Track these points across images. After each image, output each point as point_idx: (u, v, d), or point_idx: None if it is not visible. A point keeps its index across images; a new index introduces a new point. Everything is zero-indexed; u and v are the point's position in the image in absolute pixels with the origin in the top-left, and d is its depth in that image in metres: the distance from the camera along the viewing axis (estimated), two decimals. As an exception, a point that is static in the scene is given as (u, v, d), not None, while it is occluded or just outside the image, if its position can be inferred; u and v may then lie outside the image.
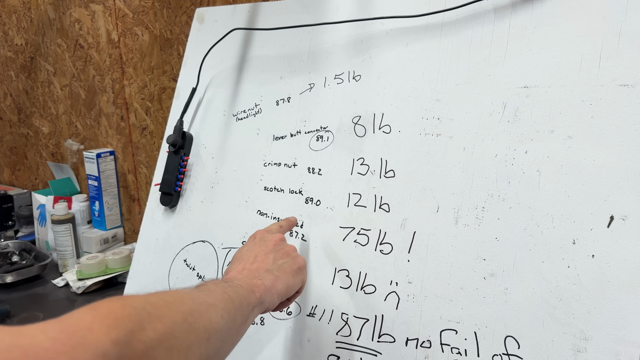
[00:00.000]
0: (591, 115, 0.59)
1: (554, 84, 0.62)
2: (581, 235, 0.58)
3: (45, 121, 1.44)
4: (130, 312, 0.37)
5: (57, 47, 1.32)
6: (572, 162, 0.60)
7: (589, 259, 0.57)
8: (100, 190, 1.26)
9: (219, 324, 0.46)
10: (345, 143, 0.76)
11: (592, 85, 0.60)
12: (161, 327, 0.39)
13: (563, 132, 0.61)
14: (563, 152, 0.60)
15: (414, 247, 0.68)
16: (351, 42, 0.79)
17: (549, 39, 0.63)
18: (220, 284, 0.53)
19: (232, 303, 0.50)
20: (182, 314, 0.42)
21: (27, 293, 1.14)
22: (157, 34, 1.10)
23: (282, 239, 0.67)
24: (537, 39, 0.64)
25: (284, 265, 0.62)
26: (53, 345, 0.32)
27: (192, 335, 0.42)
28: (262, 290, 0.56)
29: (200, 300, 0.47)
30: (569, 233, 0.58)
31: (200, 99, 0.92)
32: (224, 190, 0.86)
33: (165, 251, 0.89)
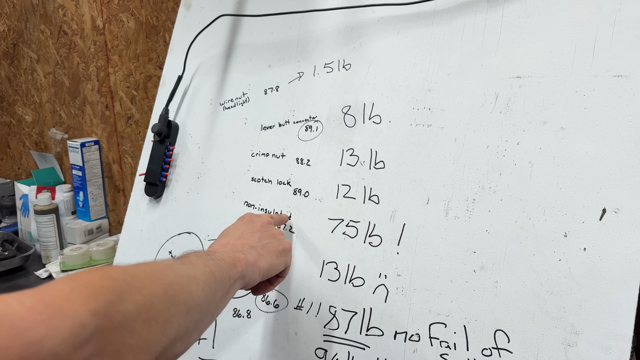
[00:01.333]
0: (584, 106, 0.59)
1: (547, 74, 0.61)
2: (573, 228, 0.57)
3: (28, 109, 1.41)
4: (110, 282, 0.37)
5: (40, 34, 1.29)
6: (565, 153, 0.59)
7: (581, 252, 0.56)
8: (84, 180, 1.23)
9: (199, 297, 0.46)
10: (335, 133, 0.75)
11: (585, 76, 0.59)
12: (140, 299, 0.38)
13: (556, 123, 0.60)
14: (555, 143, 0.59)
15: (403, 239, 0.67)
16: (341, 30, 0.78)
17: (543, 28, 0.62)
18: (202, 257, 0.52)
19: (214, 276, 0.49)
20: (163, 286, 0.41)
21: (9, 285, 1.12)
22: (142, 20, 1.07)
23: (270, 222, 0.68)
24: (531, 28, 0.63)
25: (269, 245, 0.62)
26: (29, 314, 0.31)
27: (172, 307, 0.42)
28: (244, 264, 0.55)
29: (181, 272, 0.46)
30: (561, 226, 0.57)
31: (187, 87, 0.90)
32: (210, 181, 0.84)
33: (150, 242, 0.87)
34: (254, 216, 0.68)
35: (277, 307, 0.74)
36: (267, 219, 0.68)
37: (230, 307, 0.77)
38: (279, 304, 0.74)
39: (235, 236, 0.63)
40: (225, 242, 0.61)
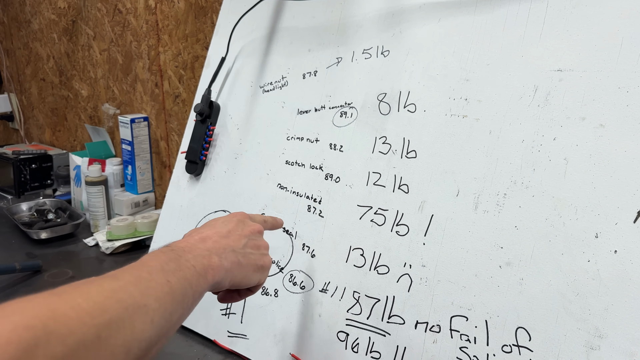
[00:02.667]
0: (627, 103, 0.56)
1: (590, 68, 0.59)
2: (605, 229, 0.55)
3: (84, 84, 1.48)
4: (21, 336, 0.31)
5: (97, 12, 1.34)
6: (602, 152, 0.57)
7: (611, 254, 0.54)
8: (133, 155, 1.29)
9: (144, 332, 0.40)
10: (369, 120, 0.75)
11: (630, 72, 0.56)
12: (60, 351, 0.33)
13: (595, 120, 0.58)
14: (593, 140, 0.57)
15: (430, 230, 0.67)
16: (382, 16, 0.77)
17: (589, 20, 0.60)
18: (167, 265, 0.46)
19: (172, 297, 0.43)
20: (96, 328, 0.35)
21: (59, 250, 1.19)
22: (192, 1, 1.10)
23: (261, 231, 0.62)
24: (576, 20, 0.61)
25: (251, 256, 0.57)
26: None
27: (104, 352, 0.36)
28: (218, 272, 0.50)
29: (128, 302, 0.39)
30: (592, 226, 0.56)
31: (229, 69, 0.92)
32: (247, 162, 0.86)
33: (188, 218, 0.91)
34: (247, 219, 0.62)
35: (303, 288, 0.75)
36: (259, 228, 0.61)
37: (259, 285, 0.79)
38: (305, 285, 0.75)
39: (221, 232, 0.56)
40: (207, 234, 0.55)
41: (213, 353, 0.80)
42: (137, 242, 1.18)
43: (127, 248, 1.18)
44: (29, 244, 1.22)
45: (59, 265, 1.11)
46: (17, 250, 1.19)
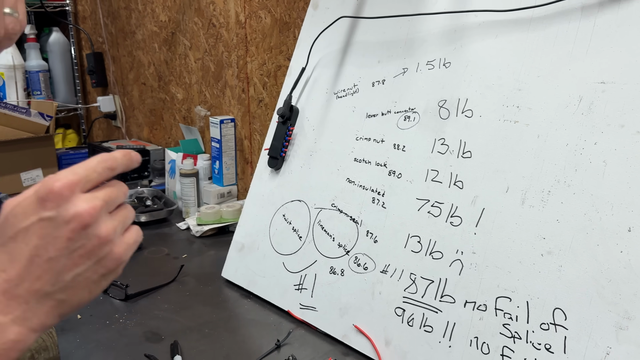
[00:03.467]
0: (663, 112, 0.63)
1: (630, 81, 0.66)
2: (637, 224, 0.62)
3: (180, 88, 1.67)
4: None
5: (194, 25, 1.52)
6: (638, 155, 0.63)
7: (642, 246, 0.61)
8: (220, 151, 1.45)
9: None
10: (430, 124, 0.85)
11: (668, 84, 0.63)
12: None
13: (633, 127, 0.64)
14: (630, 145, 0.64)
15: (481, 221, 0.75)
16: (445, 32, 0.87)
17: (631, 38, 0.67)
18: None
19: None
20: None
21: (156, 232, 1.38)
22: (277, 17, 1.24)
23: (89, 222, 0.38)
24: (620, 37, 0.68)
25: (80, 278, 0.39)
26: None
27: None
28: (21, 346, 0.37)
29: None
30: (626, 221, 0.63)
31: (308, 77, 1.05)
32: (320, 159, 0.98)
33: (268, 206, 1.05)
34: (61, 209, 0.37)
35: (366, 269, 0.86)
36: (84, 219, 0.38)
37: (328, 265, 0.91)
38: (368, 267, 0.86)
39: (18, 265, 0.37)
40: None
41: (287, 322, 0.93)
42: (222, 227, 1.34)
43: (213, 232, 1.34)
44: (132, 226, 1.42)
45: (156, 245, 1.29)
46: (123, 230, 1.38)
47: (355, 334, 0.84)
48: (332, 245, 0.92)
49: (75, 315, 0.96)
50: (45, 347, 0.75)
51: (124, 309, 0.98)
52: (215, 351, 0.85)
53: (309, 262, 0.94)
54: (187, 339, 0.88)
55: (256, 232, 1.05)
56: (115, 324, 0.93)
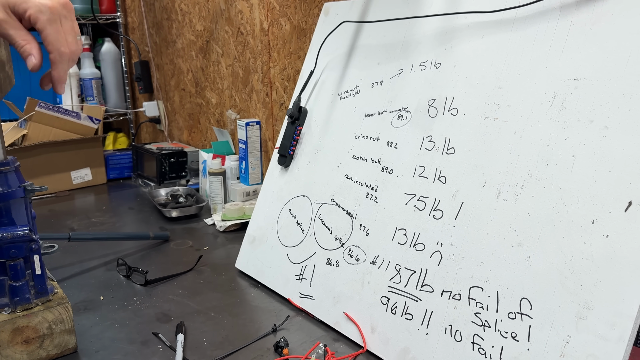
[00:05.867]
0: (629, 108, 0.64)
1: (601, 77, 0.67)
2: (600, 216, 0.63)
3: (213, 94, 1.78)
4: None
5: (225, 33, 1.62)
6: (604, 150, 0.65)
7: (604, 238, 0.62)
8: (247, 152, 1.53)
9: None
10: (419, 122, 0.88)
11: (634, 80, 0.64)
12: None
13: (601, 122, 0.66)
14: (598, 140, 0.66)
15: (460, 215, 0.78)
16: (438, 34, 0.90)
17: (604, 35, 0.68)
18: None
19: None
20: None
21: (185, 226, 1.47)
22: (295, 24, 1.31)
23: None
24: (593, 35, 0.69)
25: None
26: None
27: None
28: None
29: None
30: (590, 214, 0.64)
31: (317, 80, 1.11)
32: (323, 156, 1.04)
33: (277, 202, 1.11)
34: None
35: (357, 260, 0.91)
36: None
37: (325, 257, 0.96)
38: (360, 258, 0.90)
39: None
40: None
41: (287, 309, 0.98)
42: (245, 223, 1.42)
43: (236, 228, 1.42)
44: (163, 220, 1.52)
45: (182, 237, 1.39)
46: (153, 224, 1.50)
47: (346, 321, 0.89)
48: (330, 238, 0.97)
49: (98, 296, 1.06)
50: (62, 320, 0.84)
51: (143, 293, 1.08)
52: (216, 332, 0.92)
53: (309, 254, 1.00)
54: (193, 320, 0.96)
55: (266, 225, 1.12)
56: (132, 305, 1.02)
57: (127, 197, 1.80)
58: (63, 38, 0.62)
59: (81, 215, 1.59)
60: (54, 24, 0.60)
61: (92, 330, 0.93)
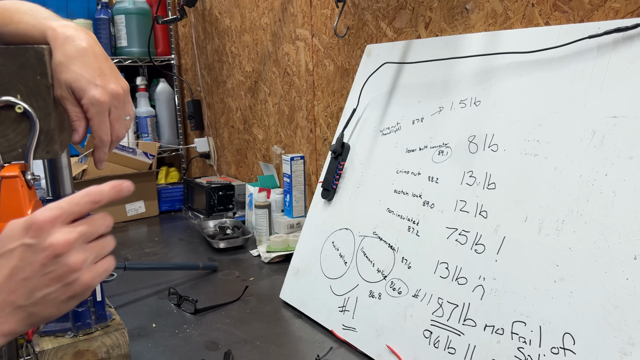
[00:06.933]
0: (669, 144, 0.65)
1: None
2: (643, 252, 0.63)
3: (260, 130, 1.85)
4: None
5: (272, 74, 1.71)
6: (645, 186, 0.65)
7: (647, 274, 0.62)
8: (291, 186, 1.58)
9: None
10: (460, 158, 0.91)
11: (674, 117, 0.65)
12: None
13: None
14: (638, 176, 0.66)
15: (502, 249, 0.79)
16: (477, 73, 0.93)
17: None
18: None
19: None
20: None
21: (231, 257, 1.53)
22: (339, 65, 1.37)
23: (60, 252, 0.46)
24: (631, 74, 0.71)
25: (49, 297, 0.46)
26: None
27: None
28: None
29: None
30: (632, 249, 0.65)
31: (359, 117, 1.16)
32: (365, 191, 1.07)
33: (321, 234, 1.15)
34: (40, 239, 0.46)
35: (400, 293, 0.92)
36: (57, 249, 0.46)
37: (368, 289, 0.98)
38: (402, 291, 0.92)
39: None
40: None
41: (330, 340, 1.01)
42: (288, 255, 1.46)
43: (280, 259, 1.46)
44: (211, 251, 1.59)
45: (230, 268, 1.44)
46: (202, 255, 1.56)
47: (388, 354, 0.90)
48: (372, 271, 0.99)
49: (150, 324, 1.11)
50: (119, 345, 0.89)
51: (192, 321, 1.12)
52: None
53: (352, 286, 1.02)
54: (240, 349, 0.99)
55: (309, 257, 1.15)
56: (183, 333, 1.07)
57: (178, 228, 1.88)
58: (107, 127, 0.67)
59: (135, 246, 1.67)
60: (101, 116, 0.66)
61: (145, 355, 0.98)
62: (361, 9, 1.27)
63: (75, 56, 0.64)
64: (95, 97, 0.64)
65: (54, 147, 0.70)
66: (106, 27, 2.18)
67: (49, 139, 0.69)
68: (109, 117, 0.67)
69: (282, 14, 1.60)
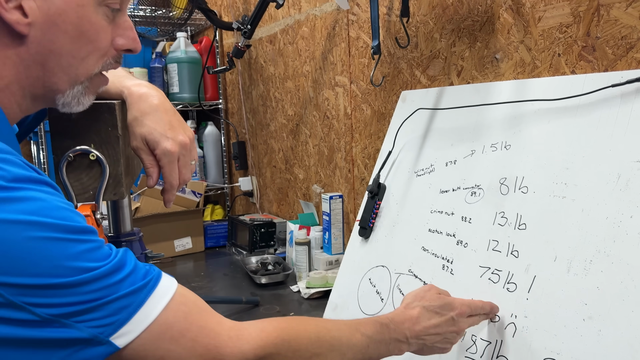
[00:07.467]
0: (691, 188, 0.67)
1: (662, 159, 0.72)
2: (668, 292, 0.66)
3: (301, 170, 1.94)
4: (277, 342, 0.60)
5: (312, 117, 1.80)
6: (669, 228, 0.68)
7: (673, 314, 0.65)
8: (330, 224, 1.64)
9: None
10: (492, 199, 0.95)
11: (695, 162, 0.68)
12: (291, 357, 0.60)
13: (664, 201, 0.70)
14: (662, 218, 0.69)
15: (533, 288, 0.82)
16: (507, 118, 0.98)
17: (662, 121, 0.73)
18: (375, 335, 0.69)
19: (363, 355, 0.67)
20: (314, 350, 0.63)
21: (272, 292, 1.59)
22: (376, 109, 1.45)
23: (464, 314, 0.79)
24: (653, 120, 0.74)
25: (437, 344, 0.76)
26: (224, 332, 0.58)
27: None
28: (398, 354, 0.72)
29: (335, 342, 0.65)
30: (658, 289, 0.67)
31: (395, 159, 1.22)
32: (401, 229, 1.12)
33: (358, 271, 1.19)
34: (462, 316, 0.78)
35: (434, 329, 0.95)
36: (465, 309, 0.79)
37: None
38: (436, 327, 0.95)
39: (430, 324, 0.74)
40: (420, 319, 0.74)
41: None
42: (327, 291, 1.50)
43: (320, 295, 1.51)
44: (253, 286, 1.65)
45: (271, 303, 1.50)
46: (245, 289, 1.62)
47: (424, 389, 0.93)
48: (408, 307, 1.03)
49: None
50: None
51: (236, 353, 1.18)
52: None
53: (388, 322, 1.06)
54: (281, 380, 1.04)
55: (347, 293, 1.20)
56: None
57: (222, 263, 1.96)
58: (176, 173, 0.77)
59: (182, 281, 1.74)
60: (172, 164, 0.76)
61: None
62: (396, 58, 1.35)
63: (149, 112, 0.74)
64: (167, 148, 0.74)
65: (120, 189, 0.79)
66: (160, 75, 2.35)
67: (117, 182, 0.79)
68: (178, 164, 0.76)
69: (322, 63, 1.70)
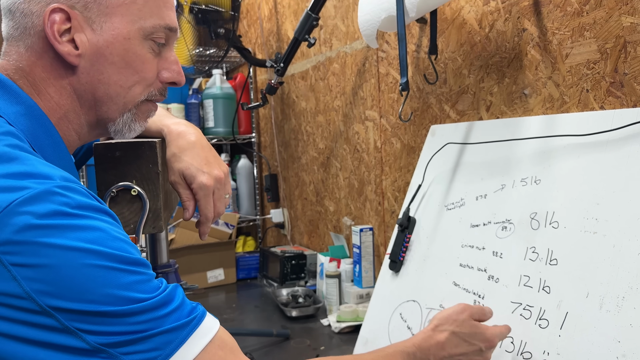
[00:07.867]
0: None
1: (694, 195, 0.71)
2: None
3: (331, 202, 1.96)
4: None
5: (343, 150, 1.83)
6: None
7: None
8: (360, 256, 1.65)
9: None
10: (522, 234, 0.95)
11: None
12: None
13: (698, 238, 0.69)
14: (697, 255, 0.68)
15: (565, 324, 0.82)
16: (537, 153, 0.99)
17: (693, 156, 0.73)
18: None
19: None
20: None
21: (303, 325, 1.59)
22: (405, 143, 1.47)
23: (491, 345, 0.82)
24: (684, 156, 0.74)
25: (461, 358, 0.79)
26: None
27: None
28: None
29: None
30: (695, 328, 0.66)
31: (425, 192, 1.23)
32: (431, 264, 1.12)
33: (389, 305, 1.20)
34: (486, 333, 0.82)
35: (466, 365, 0.95)
36: (496, 341, 0.83)
37: None
38: (468, 363, 0.94)
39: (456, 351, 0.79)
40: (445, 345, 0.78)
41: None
42: (358, 325, 1.50)
43: (350, 330, 1.51)
44: (284, 319, 1.66)
45: (301, 336, 1.50)
46: (276, 322, 1.64)
47: None
48: (439, 342, 1.02)
49: (229, 384, 1.19)
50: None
51: (266, 385, 1.19)
52: None
53: (419, 357, 1.05)
54: (311, 414, 1.04)
55: (378, 328, 1.20)
56: (258, 395, 1.14)
57: (254, 295, 1.98)
58: (211, 206, 0.81)
59: (214, 312, 1.77)
60: (207, 197, 0.80)
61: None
62: (425, 93, 1.38)
63: (187, 148, 0.78)
64: (203, 182, 0.78)
65: (159, 223, 0.83)
66: (196, 111, 2.44)
67: (156, 216, 0.83)
68: (213, 197, 0.80)
69: (352, 98, 1.75)
